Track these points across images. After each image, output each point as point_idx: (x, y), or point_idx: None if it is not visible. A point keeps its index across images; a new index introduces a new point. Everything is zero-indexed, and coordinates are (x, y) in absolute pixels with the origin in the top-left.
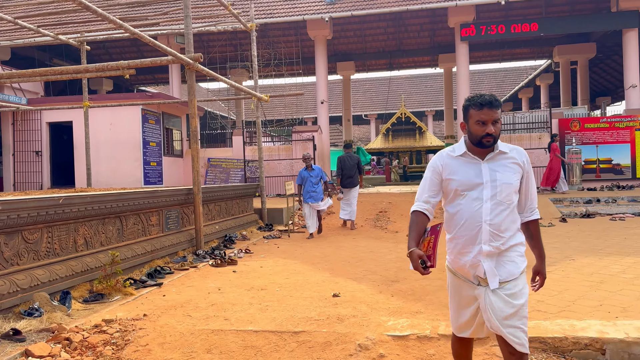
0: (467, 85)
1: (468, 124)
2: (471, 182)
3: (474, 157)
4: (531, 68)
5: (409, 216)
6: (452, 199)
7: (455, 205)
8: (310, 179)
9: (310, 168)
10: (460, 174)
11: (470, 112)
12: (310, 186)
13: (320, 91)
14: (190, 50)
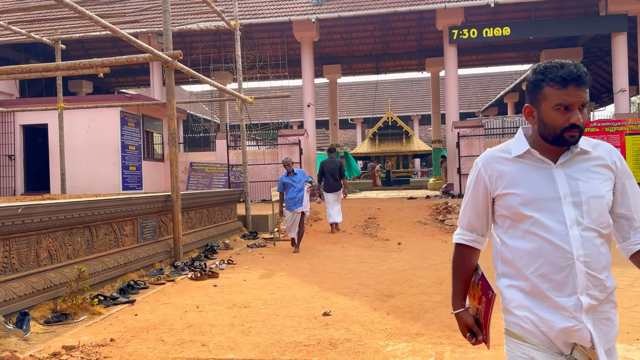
0: (456, 89)
1: (539, 109)
2: (543, 198)
3: (542, 158)
4: (516, 73)
5: (399, 222)
6: (514, 225)
7: (520, 235)
8: (294, 185)
9: (292, 173)
10: (524, 185)
11: (545, 91)
12: (294, 192)
13: (306, 94)
14: (169, 47)
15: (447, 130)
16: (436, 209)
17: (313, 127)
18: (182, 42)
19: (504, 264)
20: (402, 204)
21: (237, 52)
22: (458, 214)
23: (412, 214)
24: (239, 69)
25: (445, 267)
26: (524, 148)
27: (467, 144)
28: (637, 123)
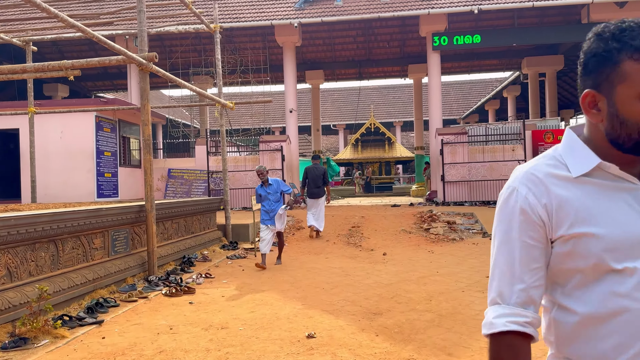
0: (439, 96)
1: (612, 97)
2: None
3: (622, 176)
4: (496, 80)
5: (383, 231)
6: (587, 282)
7: (599, 300)
8: (269, 197)
9: (266, 184)
10: (605, 220)
11: (625, 68)
12: (269, 205)
13: (288, 99)
14: (144, 49)
15: (430, 137)
16: (421, 217)
17: (295, 133)
18: (161, 46)
19: (563, 345)
20: (386, 211)
21: (217, 55)
22: (443, 223)
23: (396, 222)
24: (219, 73)
25: (434, 281)
26: (593, 162)
27: (450, 151)
28: None
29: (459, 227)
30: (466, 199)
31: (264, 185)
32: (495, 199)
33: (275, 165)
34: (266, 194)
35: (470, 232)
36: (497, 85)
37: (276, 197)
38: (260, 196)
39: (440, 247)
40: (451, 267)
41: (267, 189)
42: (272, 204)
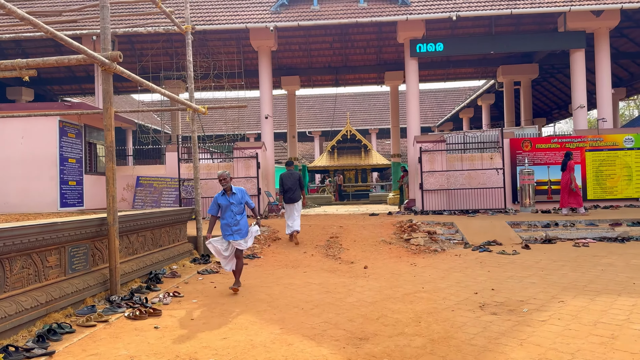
0: (417, 103)
1: None
2: None
3: None
4: (470, 89)
5: (363, 242)
6: None
7: None
8: (231, 208)
9: (229, 192)
10: None
11: None
12: (231, 217)
13: (264, 105)
14: (108, 48)
15: (408, 145)
16: (400, 227)
17: (271, 140)
18: (131, 49)
19: None
20: (364, 221)
21: (188, 57)
22: (424, 233)
23: (375, 232)
24: (190, 76)
25: (420, 298)
26: None
27: (429, 159)
28: (597, 139)
29: (439, 237)
30: (445, 208)
31: (226, 194)
32: (475, 208)
33: (250, 173)
34: (228, 204)
35: (451, 242)
36: (471, 93)
37: (239, 209)
38: (219, 206)
39: (423, 259)
40: (436, 282)
41: (230, 198)
42: (234, 216)
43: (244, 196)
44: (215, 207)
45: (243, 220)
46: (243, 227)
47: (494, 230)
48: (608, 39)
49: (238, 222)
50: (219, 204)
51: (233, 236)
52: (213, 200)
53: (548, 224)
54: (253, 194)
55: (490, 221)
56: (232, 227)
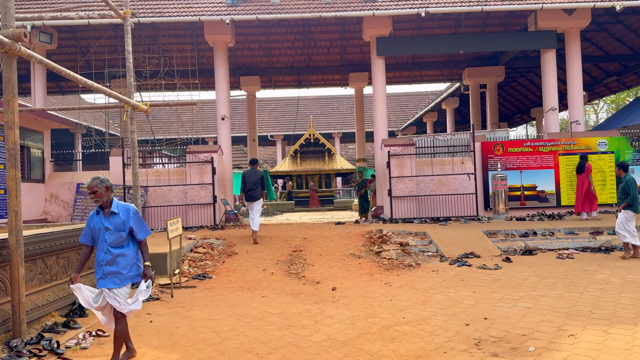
0: (384, 104)
1: None
2: None
3: None
4: (433, 93)
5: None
6: None
7: None
8: (105, 236)
9: (107, 209)
10: None
11: None
12: (103, 250)
13: (220, 105)
14: (10, 25)
15: (375, 148)
16: (370, 238)
17: (228, 143)
18: (74, 46)
19: None
20: (330, 231)
21: (127, 47)
22: (395, 244)
23: (343, 244)
24: (129, 68)
25: (402, 334)
26: None
27: (398, 164)
28: (570, 143)
29: (413, 249)
30: (415, 215)
31: (103, 213)
32: (446, 215)
33: (205, 179)
34: (102, 228)
35: (425, 255)
36: (434, 98)
37: (118, 239)
38: (92, 231)
39: (397, 276)
40: (418, 309)
41: (105, 219)
42: (106, 250)
43: (129, 219)
44: (88, 233)
45: (124, 259)
46: (124, 269)
47: (470, 240)
48: (579, 39)
49: (114, 260)
50: (91, 228)
51: (104, 281)
52: (87, 221)
53: (526, 233)
54: (208, 203)
55: (465, 230)
56: (104, 267)
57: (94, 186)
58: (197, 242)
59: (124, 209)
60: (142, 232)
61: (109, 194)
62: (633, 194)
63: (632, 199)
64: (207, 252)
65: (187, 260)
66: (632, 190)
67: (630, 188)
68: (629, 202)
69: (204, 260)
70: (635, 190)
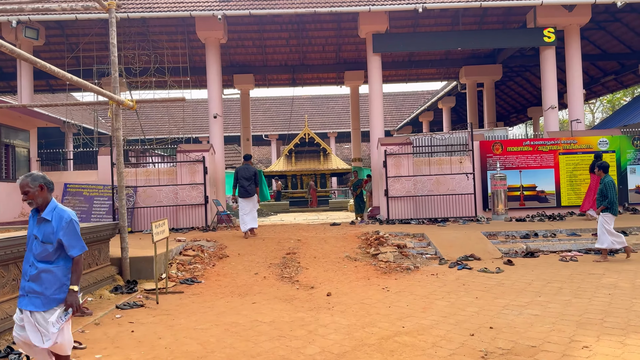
0: (381, 102)
1: None
2: None
3: None
4: (428, 93)
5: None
6: None
7: None
8: (34, 245)
9: (41, 212)
10: None
11: None
12: (29, 264)
13: (213, 103)
14: None
15: (371, 148)
16: (366, 240)
17: (221, 142)
18: (65, 43)
19: None
20: (325, 232)
21: (112, 40)
22: (393, 247)
23: (338, 246)
24: (114, 62)
25: (403, 346)
26: None
27: (394, 163)
28: (570, 142)
29: (410, 251)
30: (412, 216)
31: (38, 215)
32: (444, 216)
33: (196, 179)
34: (31, 235)
35: (424, 257)
36: (429, 97)
37: (44, 252)
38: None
39: (395, 280)
40: (418, 317)
41: (37, 226)
42: (31, 262)
43: (59, 229)
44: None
45: (49, 277)
46: (47, 289)
47: (470, 242)
48: (579, 36)
49: (38, 276)
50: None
51: (24, 300)
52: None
53: (527, 235)
54: (199, 203)
55: (464, 232)
56: (27, 282)
57: (24, 185)
58: (187, 245)
59: (57, 216)
60: (75, 248)
61: (45, 194)
62: (611, 197)
63: (610, 202)
64: (197, 254)
65: (176, 263)
66: (610, 193)
67: (607, 190)
68: (606, 206)
69: (193, 264)
70: (612, 193)
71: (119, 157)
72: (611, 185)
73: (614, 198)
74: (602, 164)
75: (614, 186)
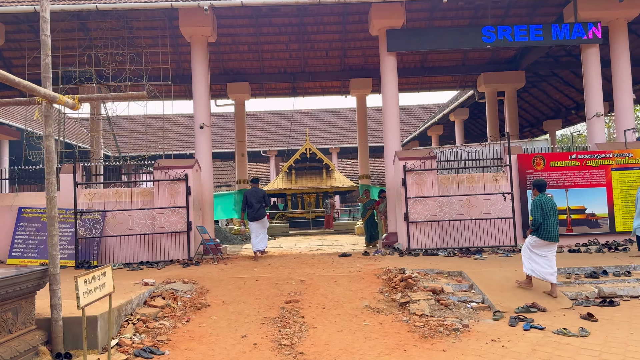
0: (397, 109)
1: None
2: None
3: None
4: (435, 106)
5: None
6: None
7: None
8: None
9: None
10: None
11: None
12: None
13: (199, 111)
14: None
15: (386, 163)
16: (388, 281)
17: (208, 157)
18: (34, 39)
19: None
20: (334, 267)
21: (42, 14)
22: (426, 292)
23: (353, 289)
24: (45, 44)
25: None
26: None
27: (416, 181)
28: (624, 155)
29: (450, 298)
30: (439, 245)
31: None
32: (477, 245)
33: (177, 202)
34: None
35: (469, 307)
36: (435, 110)
37: None
38: None
39: (444, 352)
40: None
41: None
42: None
43: None
44: None
45: None
46: None
47: None
48: (627, 32)
49: None
50: None
51: None
52: None
53: (594, 272)
54: (181, 231)
55: (512, 268)
56: None
57: None
58: (157, 289)
59: None
60: None
61: None
62: (535, 218)
63: (534, 224)
64: (168, 304)
65: (136, 319)
66: (535, 214)
67: (534, 211)
68: (532, 228)
69: (160, 319)
70: (537, 214)
71: (49, 175)
72: (537, 206)
73: (538, 219)
74: (537, 182)
75: (540, 207)
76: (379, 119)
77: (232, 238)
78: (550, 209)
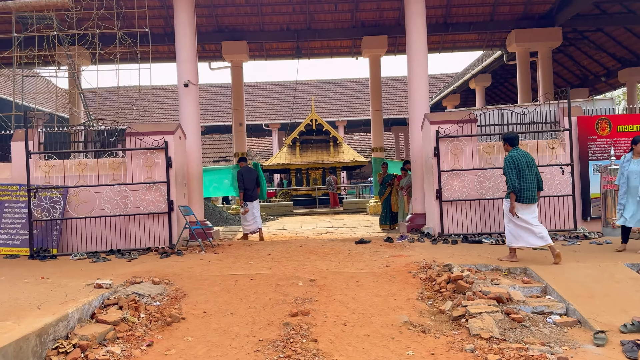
0: (425, 62)
1: None
2: None
3: None
4: (448, 76)
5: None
6: None
7: None
8: None
9: None
10: None
11: None
12: None
13: (184, 66)
14: None
15: (412, 130)
16: (429, 281)
17: (196, 122)
18: None
19: None
20: (352, 259)
21: None
22: (486, 301)
23: (383, 294)
24: None
25: None
26: None
27: (451, 150)
28: None
29: (521, 308)
30: (480, 230)
31: None
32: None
33: (155, 176)
34: None
35: (549, 322)
36: (449, 81)
37: None
38: None
39: None
40: None
41: None
42: None
43: None
44: None
45: None
46: None
47: (619, 286)
48: None
49: None
50: None
51: None
52: None
53: None
54: (160, 212)
55: (594, 263)
56: None
57: None
58: (114, 294)
59: None
60: None
61: None
62: (511, 179)
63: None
64: (124, 318)
65: (70, 347)
66: (509, 173)
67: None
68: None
69: (109, 344)
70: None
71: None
72: (509, 164)
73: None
74: (507, 135)
75: (514, 165)
76: (391, 90)
77: (229, 219)
78: (524, 165)
